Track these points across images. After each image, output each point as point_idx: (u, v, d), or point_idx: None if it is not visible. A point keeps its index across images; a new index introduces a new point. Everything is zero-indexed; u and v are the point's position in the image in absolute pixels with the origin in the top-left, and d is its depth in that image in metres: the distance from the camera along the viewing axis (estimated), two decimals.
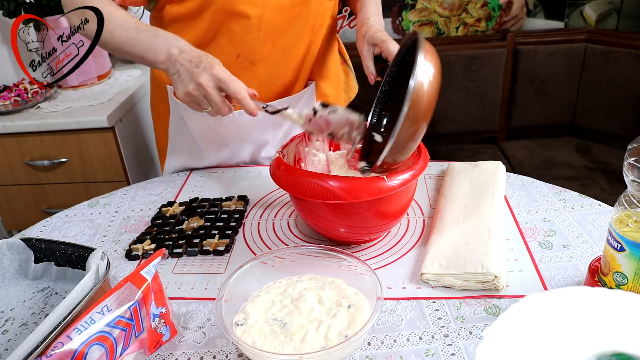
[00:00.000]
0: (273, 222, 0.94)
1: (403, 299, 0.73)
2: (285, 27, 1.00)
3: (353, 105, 1.29)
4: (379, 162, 0.70)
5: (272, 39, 0.99)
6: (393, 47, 0.91)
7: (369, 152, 0.85)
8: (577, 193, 0.96)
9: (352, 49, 1.23)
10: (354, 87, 1.28)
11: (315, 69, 1.12)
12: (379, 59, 0.95)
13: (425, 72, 0.68)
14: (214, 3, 0.93)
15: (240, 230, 0.92)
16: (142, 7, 1.00)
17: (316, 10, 1.02)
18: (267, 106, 0.84)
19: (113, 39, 0.88)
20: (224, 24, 0.96)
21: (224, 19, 0.95)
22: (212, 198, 1.01)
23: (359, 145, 0.85)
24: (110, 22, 0.87)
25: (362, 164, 0.81)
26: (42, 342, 0.59)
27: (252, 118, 1.07)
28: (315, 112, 0.81)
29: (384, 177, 0.73)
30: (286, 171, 0.79)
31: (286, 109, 0.83)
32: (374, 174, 0.74)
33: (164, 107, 1.12)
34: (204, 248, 0.86)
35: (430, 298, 0.73)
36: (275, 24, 0.98)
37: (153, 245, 0.87)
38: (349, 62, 1.26)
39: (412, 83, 0.66)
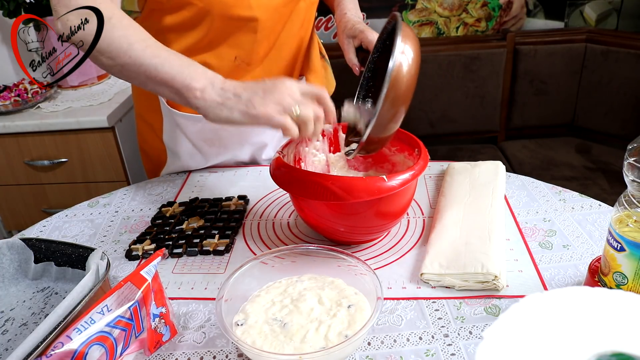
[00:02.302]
0: (273, 222, 0.94)
1: (403, 299, 0.73)
2: (279, 26, 1.00)
3: (333, 100, 1.30)
4: (364, 138, 0.70)
5: (267, 39, 1.00)
6: (372, 36, 0.92)
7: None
8: (577, 193, 0.96)
9: (329, 49, 1.24)
10: (332, 82, 1.29)
11: (304, 63, 1.13)
12: (360, 50, 0.96)
13: (404, 54, 0.68)
14: (210, 12, 0.92)
15: (240, 230, 0.92)
16: None
17: (305, 7, 1.03)
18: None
19: (131, 52, 0.74)
20: (222, 30, 0.95)
21: (222, 26, 0.95)
22: (212, 198, 1.01)
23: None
24: (130, 32, 0.76)
25: (347, 148, 0.82)
26: (42, 342, 0.59)
27: None
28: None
29: (384, 177, 0.73)
30: (286, 171, 0.79)
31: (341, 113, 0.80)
32: (359, 154, 0.76)
33: (156, 117, 1.10)
34: (204, 248, 0.86)
35: (430, 298, 0.73)
36: (271, 25, 0.98)
37: (153, 245, 0.87)
38: (326, 57, 1.27)
39: (391, 64, 0.67)
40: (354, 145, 0.82)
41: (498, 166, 0.99)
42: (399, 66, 0.67)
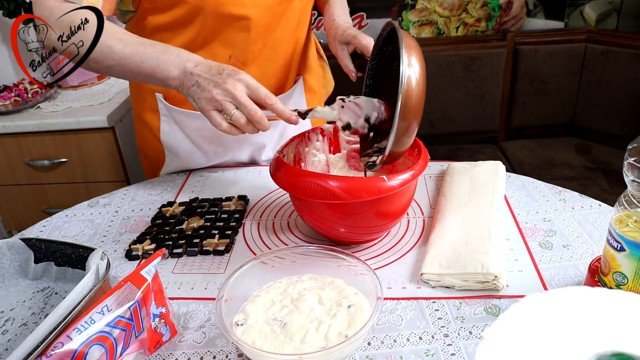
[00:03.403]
0: (273, 222, 0.94)
1: (403, 299, 0.73)
2: (273, 25, 1.00)
3: (332, 101, 1.30)
4: (386, 153, 0.71)
5: (262, 38, 1.00)
6: (366, 41, 0.91)
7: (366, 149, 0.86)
8: (577, 193, 0.96)
9: (328, 49, 1.24)
10: (331, 82, 1.29)
11: (301, 63, 1.13)
12: (355, 56, 0.95)
13: (412, 67, 0.69)
14: (203, 9, 0.92)
15: (240, 230, 0.92)
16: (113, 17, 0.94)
17: (299, 6, 1.03)
18: (295, 110, 0.79)
19: (113, 54, 0.80)
20: (214, 28, 0.96)
21: (215, 24, 0.95)
22: (212, 198, 1.01)
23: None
24: (108, 35, 0.80)
25: (373, 158, 0.82)
26: (42, 342, 0.59)
27: None
28: (343, 99, 0.80)
29: (384, 177, 0.73)
30: (286, 171, 0.79)
31: (313, 108, 0.80)
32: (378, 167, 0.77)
33: (153, 116, 1.11)
34: (204, 248, 0.86)
35: (430, 298, 0.73)
36: (265, 23, 0.98)
37: (153, 245, 0.87)
38: (324, 57, 1.26)
39: (401, 80, 0.67)
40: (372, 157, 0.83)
41: (498, 166, 0.99)
42: (408, 80, 0.68)
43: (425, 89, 0.70)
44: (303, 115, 0.79)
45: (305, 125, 1.16)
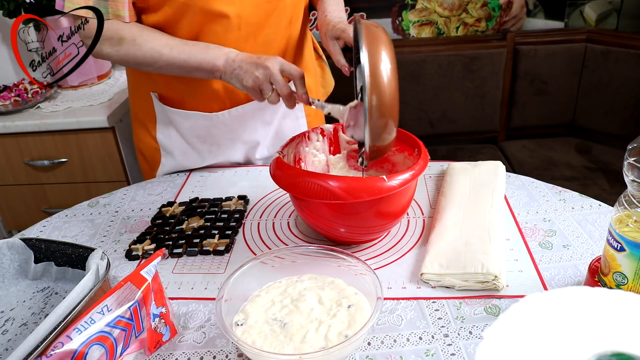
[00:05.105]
0: (273, 222, 0.94)
1: (403, 299, 0.73)
2: (263, 23, 1.00)
3: (331, 100, 1.30)
4: (366, 150, 0.71)
5: (252, 35, 1.00)
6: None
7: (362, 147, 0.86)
8: (577, 193, 0.96)
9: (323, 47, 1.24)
10: (330, 81, 1.29)
11: (296, 62, 1.13)
12: (347, 50, 0.95)
13: (376, 59, 0.67)
14: (191, 7, 0.93)
15: (240, 230, 0.92)
16: None
17: (291, 4, 1.03)
18: (313, 102, 0.88)
19: (162, 57, 0.92)
20: (204, 26, 0.96)
21: (204, 21, 0.96)
22: (212, 198, 1.01)
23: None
24: (154, 42, 0.92)
25: (360, 160, 0.82)
26: (42, 342, 0.59)
27: (241, 116, 1.08)
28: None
29: (384, 177, 0.73)
30: (286, 171, 0.79)
31: (328, 104, 0.86)
32: (369, 161, 0.76)
33: (149, 116, 1.11)
34: (204, 248, 0.86)
35: (430, 298, 0.73)
36: (254, 21, 0.99)
37: (153, 245, 0.87)
38: (323, 57, 1.26)
39: (365, 75, 0.66)
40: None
41: (498, 166, 0.99)
42: (373, 74, 0.66)
43: (396, 81, 0.68)
44: (314, 103, 0.88)
45: (302, 126, 1.16)
